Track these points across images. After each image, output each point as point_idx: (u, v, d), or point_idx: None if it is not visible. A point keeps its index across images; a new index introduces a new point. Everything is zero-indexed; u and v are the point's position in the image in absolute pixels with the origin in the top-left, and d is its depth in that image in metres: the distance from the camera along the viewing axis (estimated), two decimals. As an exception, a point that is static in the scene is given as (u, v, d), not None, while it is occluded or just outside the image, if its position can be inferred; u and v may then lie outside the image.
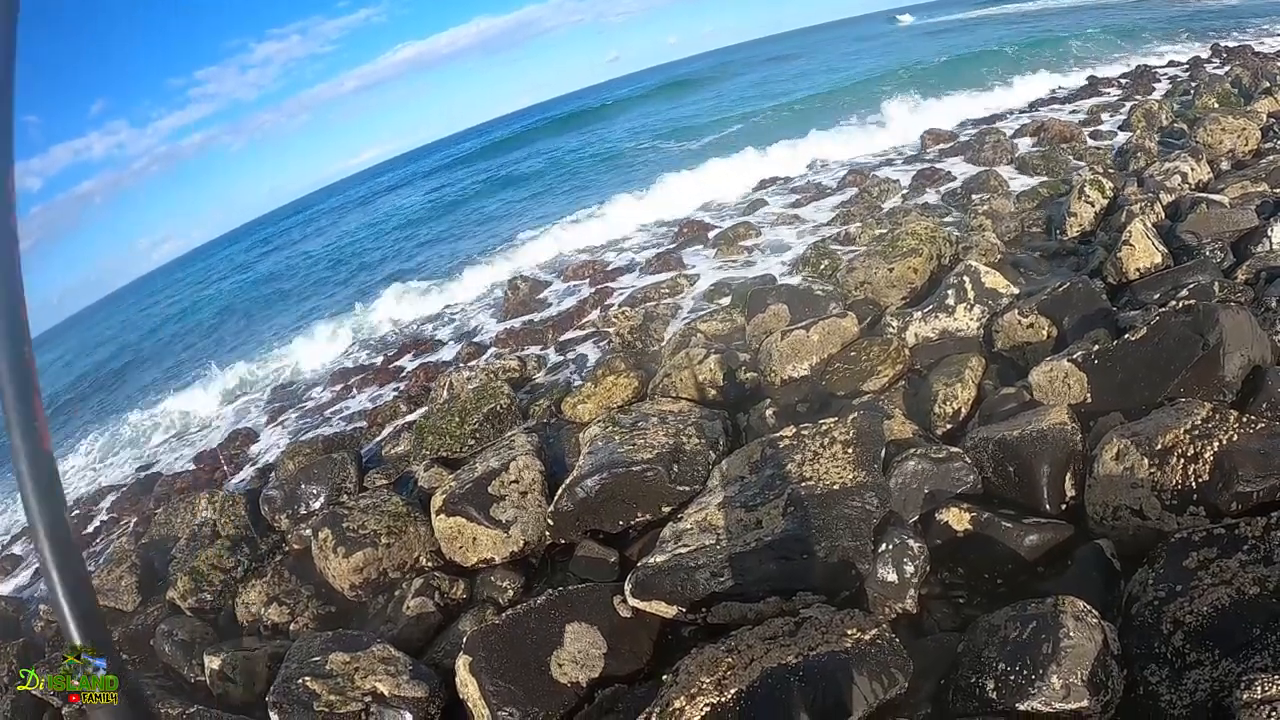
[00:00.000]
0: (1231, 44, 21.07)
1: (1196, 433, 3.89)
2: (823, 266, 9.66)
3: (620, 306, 10.67)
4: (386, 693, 4.46)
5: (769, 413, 6.36)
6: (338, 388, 12.47)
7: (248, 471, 10.35)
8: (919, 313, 6.89)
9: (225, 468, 10.81)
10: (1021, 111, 17.82)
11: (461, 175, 41.22)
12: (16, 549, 10.93)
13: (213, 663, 5.42)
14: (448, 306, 15.32)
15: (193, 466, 11.55)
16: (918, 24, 66.83)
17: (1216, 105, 12.98)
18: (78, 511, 11.24)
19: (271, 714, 4.37)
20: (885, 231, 9.65)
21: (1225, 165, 9.67)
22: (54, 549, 0.99)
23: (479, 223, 24.57)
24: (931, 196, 12.38)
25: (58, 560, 0.99)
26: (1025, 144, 14.02)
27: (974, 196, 11.06)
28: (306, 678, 4.47)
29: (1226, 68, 16.43)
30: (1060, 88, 19.93)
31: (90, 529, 10.61)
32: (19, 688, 6.36)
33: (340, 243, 33.70)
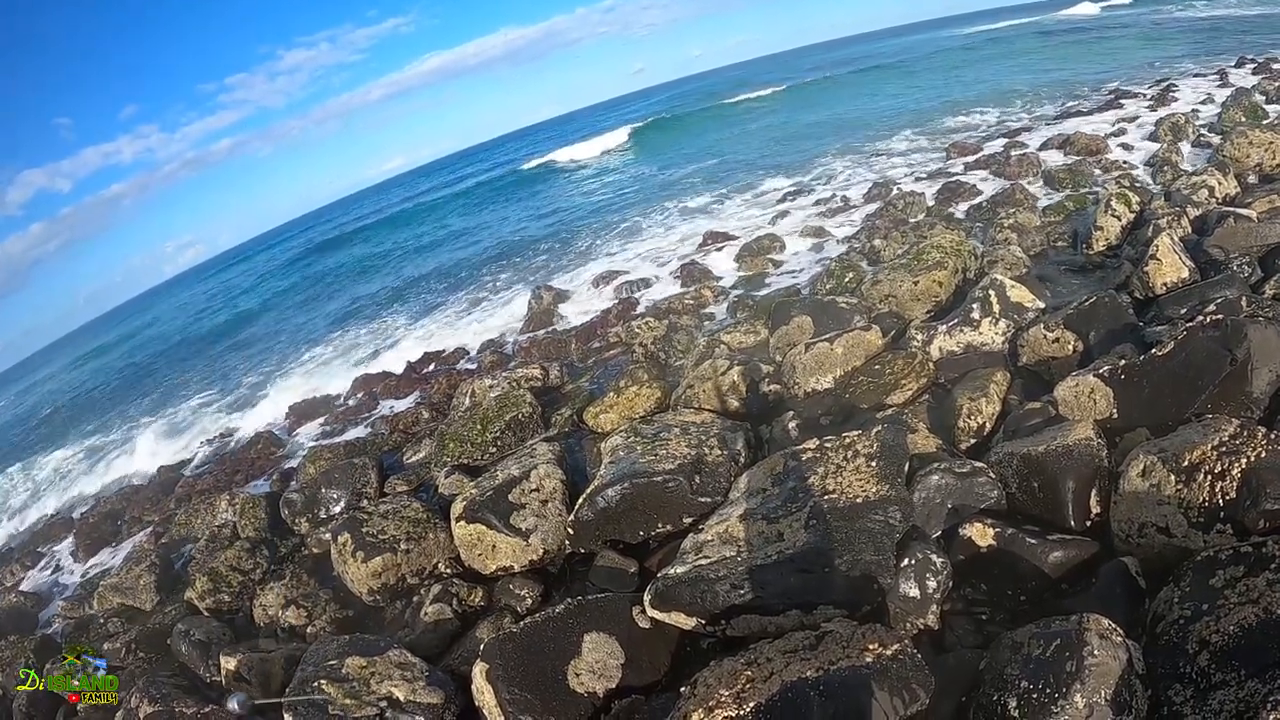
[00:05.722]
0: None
1: (1224, 449, 3.84)
2: (847, 279, 9.62)
3: (644, 317, 10.67)
4: (402, 698, 4.48)
5: (792, 425, 6.34)
6: (360, 394, 12.53)
7: (269, 474, 10.41)
8: (944, 326, 6.86)
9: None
10: (1048, 123, 17.60)
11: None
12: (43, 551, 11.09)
13: (229, 663, 5.48)
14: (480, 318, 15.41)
15: (214, 468, 11.67)
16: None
17: (1244, 119, 12.81)
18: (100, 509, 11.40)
19: (286, 715, 4.40)
20: (910, 245, 9.59)
21: (1253, 179, 9.55)
22: None
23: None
24: (957, 210, 12.29)
25: None
26: (1052, 157, 13.88)
27: (1000, 210, 10.96)
28: (322, 680, 4.51)
29: (1255, 80, 16.18)
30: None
31: (112, 527, 10.73)
32: (18, 688, 6.42)
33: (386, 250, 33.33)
